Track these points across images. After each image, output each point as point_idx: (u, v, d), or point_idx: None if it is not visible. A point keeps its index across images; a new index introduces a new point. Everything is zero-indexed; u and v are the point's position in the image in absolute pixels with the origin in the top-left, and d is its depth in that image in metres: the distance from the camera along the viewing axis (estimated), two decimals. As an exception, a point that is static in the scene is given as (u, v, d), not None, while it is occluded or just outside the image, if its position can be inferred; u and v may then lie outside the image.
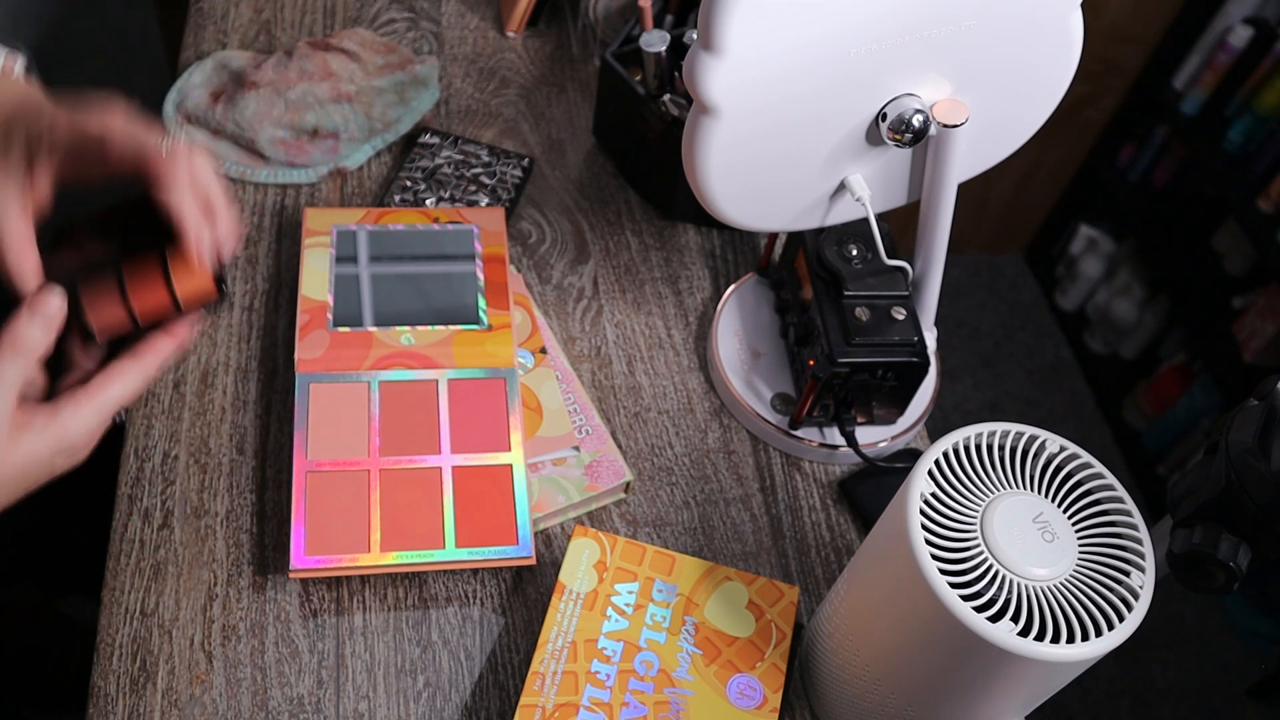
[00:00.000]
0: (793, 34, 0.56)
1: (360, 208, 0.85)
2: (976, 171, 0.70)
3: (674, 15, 0.89)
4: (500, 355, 0.75)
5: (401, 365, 0.74)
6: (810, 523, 0.75)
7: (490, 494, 0.69)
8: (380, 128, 0.90)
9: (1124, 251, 2.08)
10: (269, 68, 0.88)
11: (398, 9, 1.02)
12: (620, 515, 0.74)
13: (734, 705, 0.62)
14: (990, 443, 0.54)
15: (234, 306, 0.80)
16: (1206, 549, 0.52)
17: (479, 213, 0.82)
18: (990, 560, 0.50)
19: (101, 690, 0.63)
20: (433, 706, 0.65)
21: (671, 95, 0.82)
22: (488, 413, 0.73)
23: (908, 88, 0.62)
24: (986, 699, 0.54)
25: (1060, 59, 0.65)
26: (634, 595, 0.65)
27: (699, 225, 0.90)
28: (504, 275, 0.79)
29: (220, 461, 0.73)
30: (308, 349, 0.73)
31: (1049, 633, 0.48)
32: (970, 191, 2.02)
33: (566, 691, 0.61)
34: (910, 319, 0.72)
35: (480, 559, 0.67)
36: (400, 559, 0.66)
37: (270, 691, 0.64)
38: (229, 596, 0.67)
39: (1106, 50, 1.85)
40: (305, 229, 0.79)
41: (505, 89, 0.97)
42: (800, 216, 0.69)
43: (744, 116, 0.59)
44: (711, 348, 0.81)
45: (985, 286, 2.26)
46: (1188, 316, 1.90)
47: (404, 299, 0.77)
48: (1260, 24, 1.70)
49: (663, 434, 0.78)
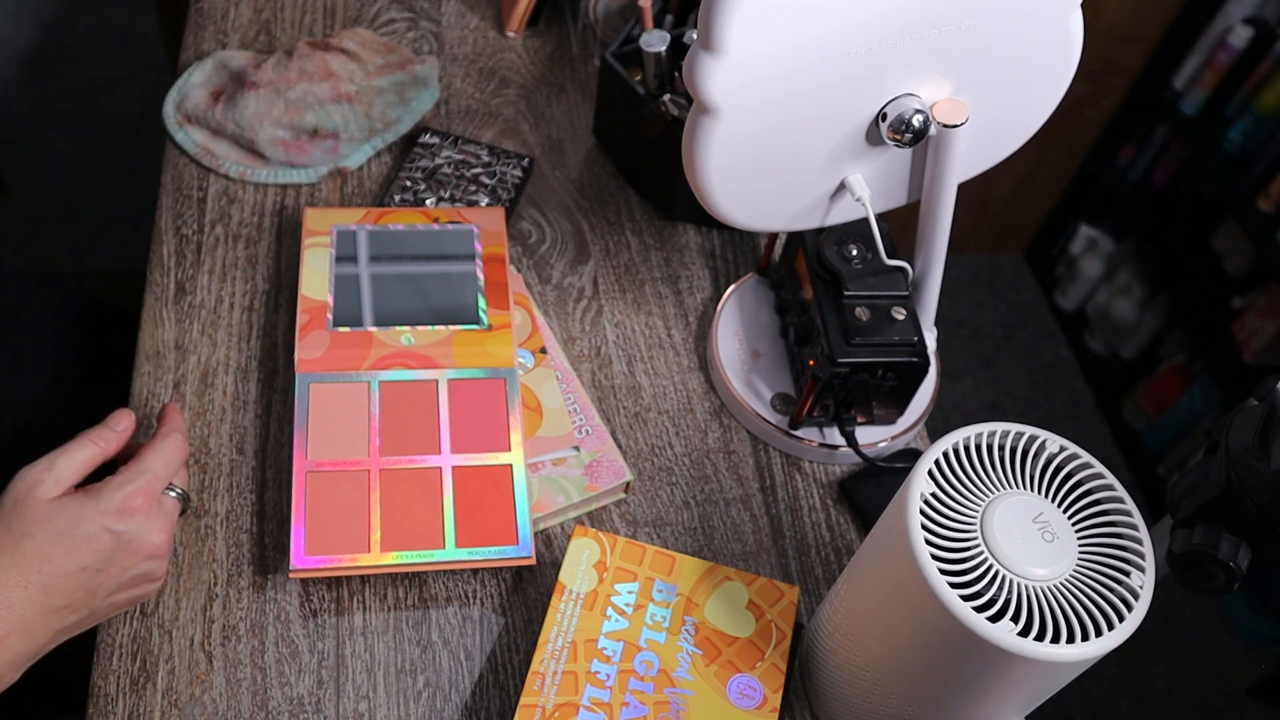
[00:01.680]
0: (793, 34, 0.56)
1: (360, 208, 0.85)
2: (976, 171, 0.70)
3: (674, 15, 0.89)
4: (500, 355, 0.75)
5: (402, 365, 0.74)
6: (810, 523, 0.75)
7: (490, 494, 0.69)
8: (380, 128, 0.90)
9: (1124, 251, 2.08)
10: (269, 68, 0.88)
11: (398, 9, 1.02)
12: (620, 515, 0.74)
13: (734, 705, 0.62)
14: (990, 443, 0.54)
15: (234, 307, 0.80)
16: (1206, 549, 0.52)
17: (479, 213, 0.82)
18: (990, 560, 0.50)
19: (101, 690, 0.63)
20: (433, 706, 0.64)
21: (671, 95, 0.82)
22: (488, 413, 0.73)
23: (908, 88, 0.62)
24: (986, 699, 0.54)
25: (1060, 59, 0.65)
26: (634, 595, 0.65)
27: (699, 225, 0.90)
28: (504, 275, 0.79)
29: (220, 461, 0.73)
30: (308, 349, 0.73)
31: (1049, 633, 0.48)
32: (970, 191, 2.02)
33: (566, 691, 0.61)
34: (910, 319, 0.72)
35: (480, 559, 0.67)
36: (400, 559, 0.66)
37: (270, 691, 0.64)
38: (229, 596, 0.67)
39: (1106, 50, 1.85)
40: (305, 229, 0.79)
41: (505, 89, 0.97)
42: (800, 216, 0.69)
43: (744, 116, 0.59)
44: (711, 348, 0.81)
45: (985, 286, 2.26)
46: (1188, 316, 1.90)
47: (404, 299, 0.77)
48: (1260, 24, 1.70)
49: (663, 434, 0.78)
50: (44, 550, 0.56)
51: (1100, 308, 2.12)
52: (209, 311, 0.80)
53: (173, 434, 0.64)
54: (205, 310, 0.80)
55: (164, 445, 0.63)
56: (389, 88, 0.91)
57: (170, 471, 0.63)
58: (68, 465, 0.59)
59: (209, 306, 0.80)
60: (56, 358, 0.90)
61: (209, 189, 0.87)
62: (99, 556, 0.58)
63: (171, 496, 0.63)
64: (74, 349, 0.91)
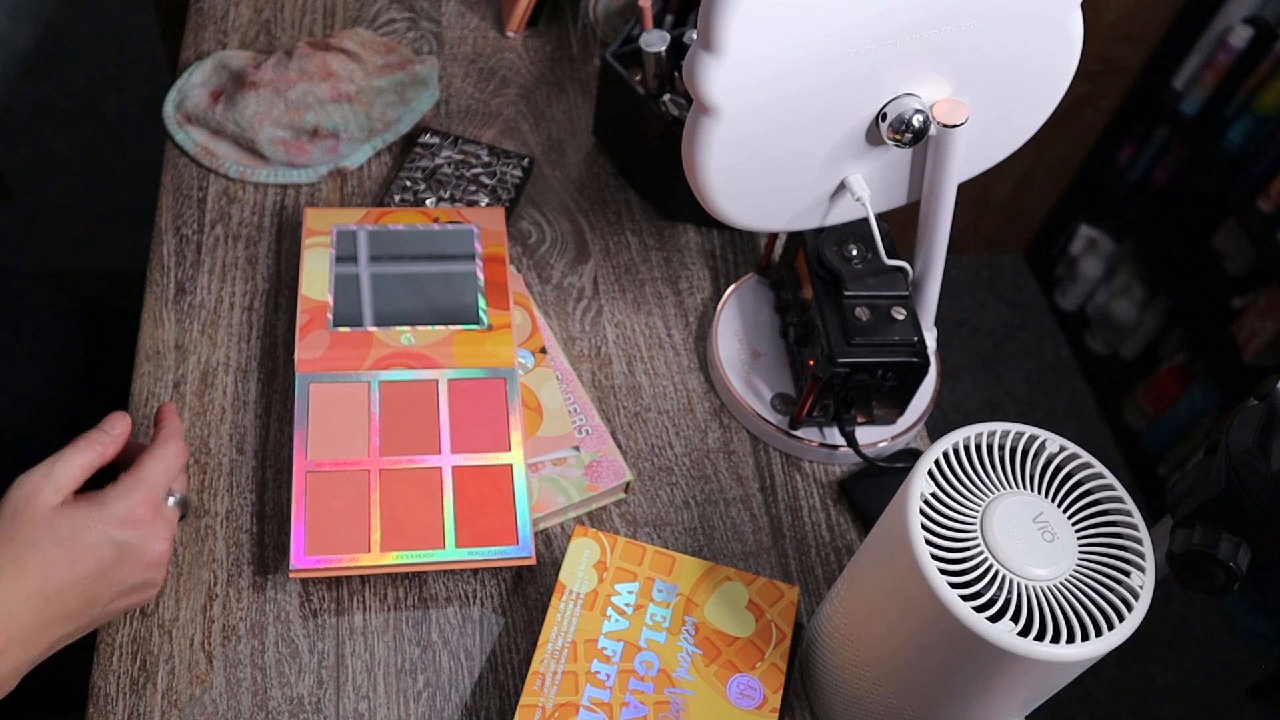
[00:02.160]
0: (793, 34, 0.56)
1: (360, 208, 0.85)
2: (976, 171, 0.70)
3: (674, 15, 0.89)
4: (500, 355, 0.75)
5: (402, 365, 0.74)
6: (810, 523, 0.75)
7: (490, 494, 0.69)
8: (380, 128, 0.90)
9: (1124, 251, 2.08)
10: (269, 68, 0.88)
11: (398, 9, 1.02)
12: (620, 515, 0.74)
13: (734, 705, 0.62)
14: (990, 443, 0.54)
15: (234, 307, 0.80)
16: (1206, 549, 0.52)
17: (479, 213, 0.82)
18: (990, 560, 0.50)
19: (101, 690, 0.63)
20: (433, 706, 0.65)
21: (671, 95, 0.82)
22: (488, 413, 0.73)
23: (908, 88, 0.62)
24: (986, 699, 0.54)
25: (1060, 59, 0.65)
26: (634, 595, 0.65)
27: (699, 225, 0.90)
28: (504, 275, 0.79)
29: (220, 461, 0.73)
30: (308, 349, 0.73)
31: (1049, 633, 0.48)
32: (970, 191, 2.02)
33: (566, 691, 0.61)
34: (910, 319, 0.72)
35: (480, 559, 0.67)
36: (400, 559, 0.66)
37: (270, 691, 0.64)
38: (229, 596, 0.67)
39: (1106, 50, 1.85)
40: (305, 229, 0.79)
41: (505, 89, 0.97)
42: (800, 216, 0.69)
43: (744, 116, 0.59)
44: (711, 348, 0.81)
45: (985, 286, 2.26)
46: (1188, 316, 1.90)
47: (404, 299, 0.77)
48: (1260, 24, 1.70)
49: (663, 434, 0.78)
50: (47, 559, 0.56)
51: (1100, 308, 2.12)
52: (209, 311, 0.80)
53: (172, 439, 0.64)
54: (205, 310, 0.80)
55: (164, 451, 0.62)
56: (389, 88, 0.91)
57: (171, 477, 0.62)
58: (66, 472, 0.58)
59: (209, 306, 0.80)
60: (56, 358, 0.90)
61: (209, 189, 0.87)
62: (101, 566, 0.57)
63: (171, 504, 0.63)
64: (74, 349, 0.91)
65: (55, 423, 0.89)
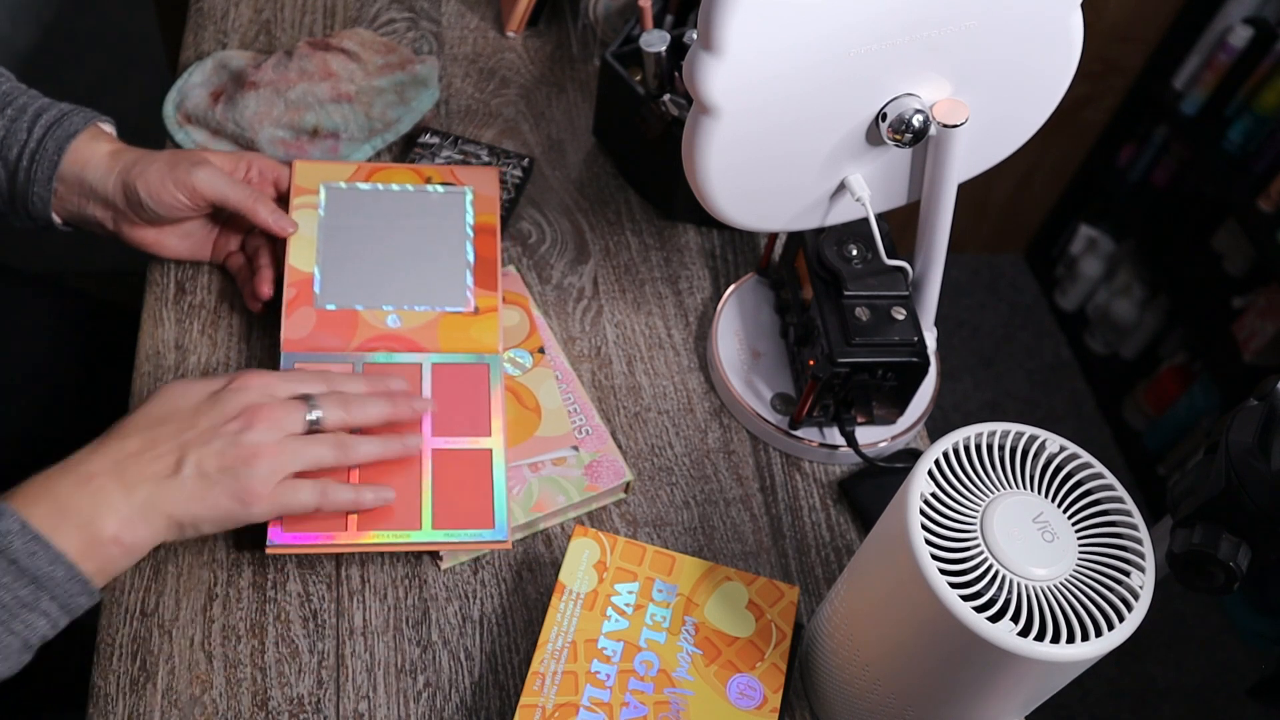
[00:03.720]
0: (793, 34, 0.56)
1: (351, 163, 0.84)
2: (976, 171, 0.70)
3: (674, 15, 0.89)
4: (484, 341, 0.75)
5: (386, 348, 0.74)
6: (810, 523, 0.75)
7: (469, 478, 0.70)
8: (380, 128, 0.90)
9: (1124, 251, 2.08)
10: (269, 68, 0.88)
11: (398, 9, 1.02)
12: (620, 515, 0.74)
13: (734, 705, 0.62)
14: (990, 443, 0.54)
15: (234, 307, 0.80)
16: (1206, 549, 0.52)
17: (473, 172, 0.82)
18: (990, 560, 0.50)
19: (101, 690, 0.63)
20: (433, 706, 0.65)
21: (671, 95, 0.82)
22: (470, 398, 0.73)
23: (908, 88, 0.62)
24: (986, 699, 0.54)
25: (1060, 59, 0.65)
26: (634, 595, 0.65)
27: (699, 225, 0.90)
28: (494, 249, 0.79)
29: (220, 461, 0.72)
30: (294, 328, 0.73)
31: (1049, 633, 0.48)
32: (970, 191, 2.01)
33: (566, 691, 0.61)
34: (910, 319, 0.72)
35: (456, 541, 0.67)
36: (377, 539, 0.66)
37: (270, 691, 0.64)
38: (229, 596, 0.67)
39: (1106, 50, 1.85)
40: (293, 185, 0.79)
41: (505, 89, 0.97)
42: (800, 216, 0.69)
43: (744, 116, 0.59)
44: (711, 348, 0.81)
45: (985, 286, 2.26)
46: (1188, 316, 1.90)
47: (391, 274, 0.77)
48: (1260, 24, 1.70)
49: (663, 434, 0.78)
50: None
51: (1100, 308, 2.12)
52: (209, 311, 0.80)
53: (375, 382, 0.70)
54: (205, 310, 0.80)
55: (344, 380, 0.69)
56: (389, 88, 0.91)
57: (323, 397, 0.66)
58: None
59: (209, 306, 0.80)
60: (57, 358, 0.90)
61: (209, 189, 0.87)
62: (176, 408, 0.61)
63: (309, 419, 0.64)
64: (74, 349, 0.91)
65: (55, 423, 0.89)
